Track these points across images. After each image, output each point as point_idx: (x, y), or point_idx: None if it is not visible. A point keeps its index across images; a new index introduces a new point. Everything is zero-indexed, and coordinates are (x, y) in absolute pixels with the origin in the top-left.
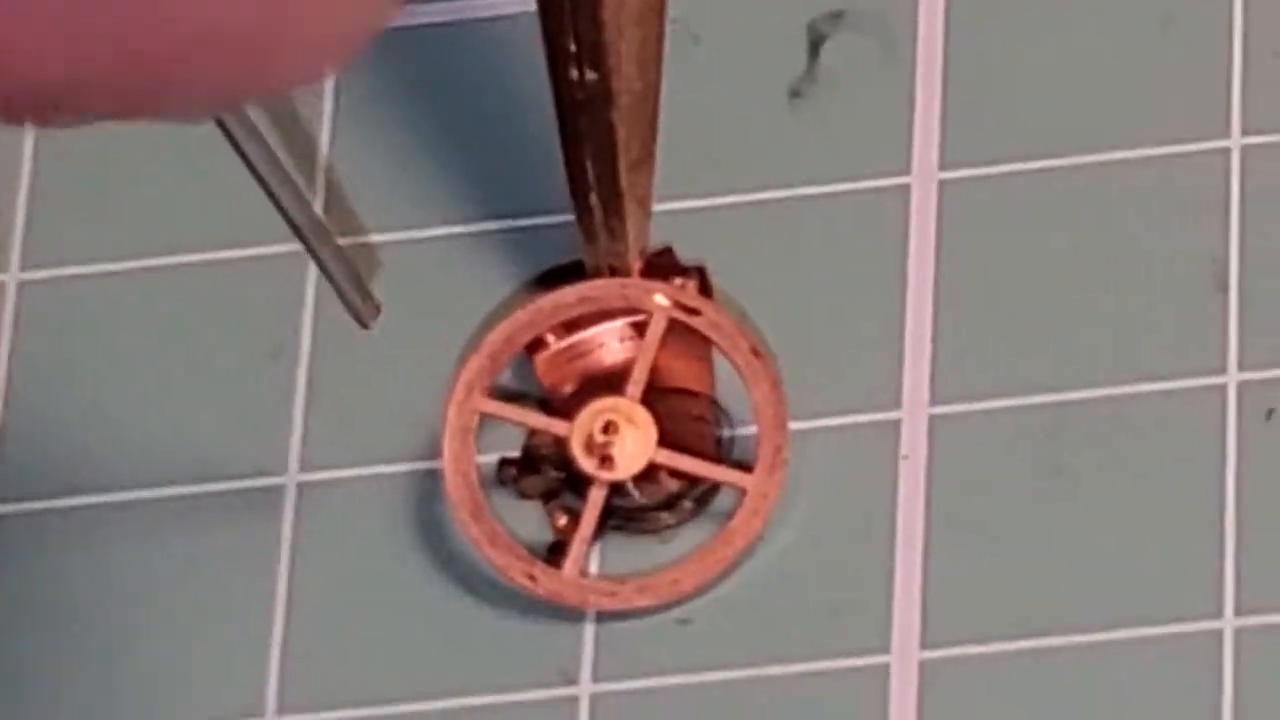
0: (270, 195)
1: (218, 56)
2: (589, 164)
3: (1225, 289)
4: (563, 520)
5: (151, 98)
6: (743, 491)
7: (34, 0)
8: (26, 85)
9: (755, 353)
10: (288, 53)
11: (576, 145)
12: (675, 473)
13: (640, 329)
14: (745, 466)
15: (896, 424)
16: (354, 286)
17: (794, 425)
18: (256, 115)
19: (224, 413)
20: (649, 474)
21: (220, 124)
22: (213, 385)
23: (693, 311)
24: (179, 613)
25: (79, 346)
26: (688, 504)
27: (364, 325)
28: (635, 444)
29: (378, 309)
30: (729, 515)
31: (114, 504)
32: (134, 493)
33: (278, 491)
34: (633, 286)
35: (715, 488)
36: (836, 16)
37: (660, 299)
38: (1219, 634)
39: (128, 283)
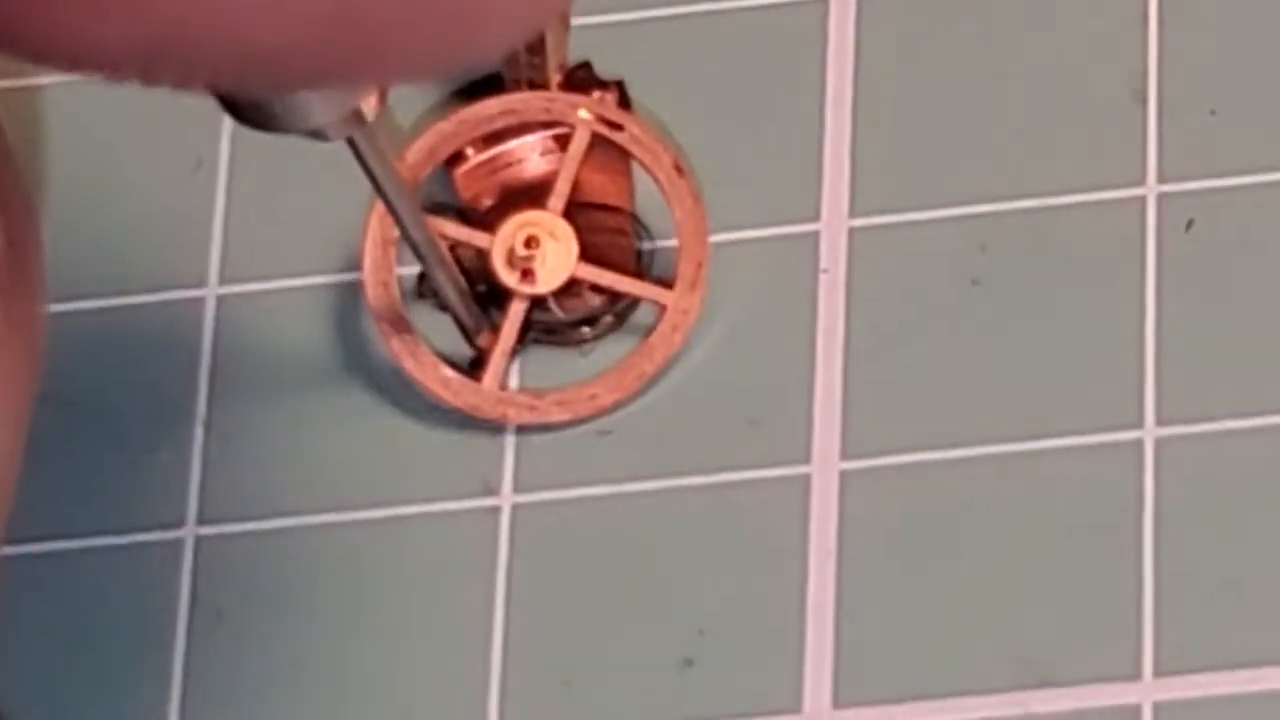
0: (394, 215)
1: (431, 27)
2: None
3: (1144, 101)
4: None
5: (349, 71)
6: (663, 307)
7: None
8: (236, 51)
9: (677, 169)
10: (493, 22)
11: None
12: (596, 287)
13: (561, 143)
14: (665, 282)
15: (815, 236)
16: (467, 309)
17: (713, 238)
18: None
19: (145, 226)
20: (570, 288)
21: (351, 144)
22: (133, 199)
23: (615, 126)
24: (99, 422)
25: None
26: (608, 318)
27: (474, 347)
28: (557, 258)
29: (494, 332)
30: (649, 330)
31: None
32: (55, 305)
33: (198, 304)
34: (556, 100)
35: (635, 302)
36: None
37: (584, 113)
38: (1140, 444)
39: (49, 98)
